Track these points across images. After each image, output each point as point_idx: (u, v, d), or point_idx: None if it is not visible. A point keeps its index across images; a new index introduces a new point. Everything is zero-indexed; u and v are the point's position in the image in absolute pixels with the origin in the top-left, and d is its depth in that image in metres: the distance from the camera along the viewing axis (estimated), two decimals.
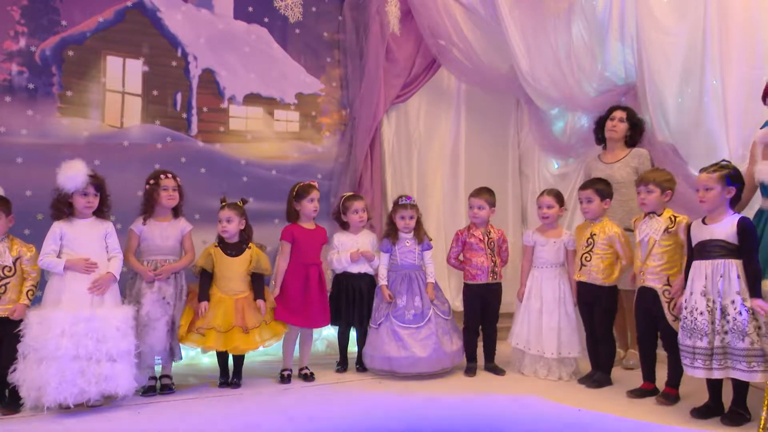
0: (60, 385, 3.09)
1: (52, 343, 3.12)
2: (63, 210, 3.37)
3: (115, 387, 3.24)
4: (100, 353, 3.21)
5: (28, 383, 3.12)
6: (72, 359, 3.14)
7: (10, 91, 4.01)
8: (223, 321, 3.63)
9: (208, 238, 4.09)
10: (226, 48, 4.66)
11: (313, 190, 3.98)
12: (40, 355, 3.13)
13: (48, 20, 4.13)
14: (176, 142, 4.49)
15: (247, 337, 3.66)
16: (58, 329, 3.14)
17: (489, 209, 4.06)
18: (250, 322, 3.68)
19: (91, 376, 3.17)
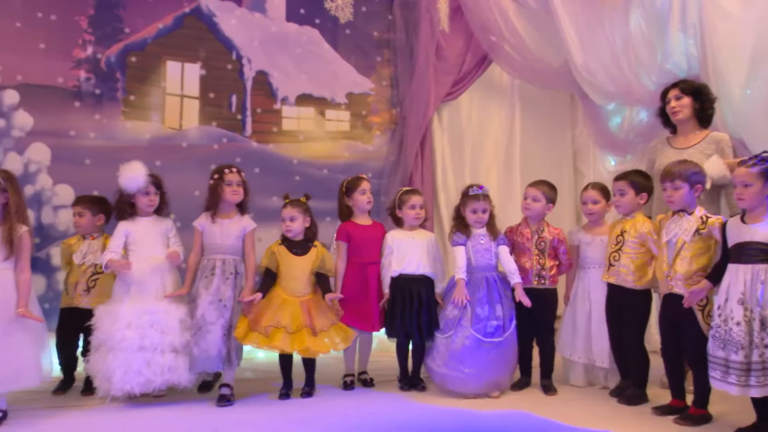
0: (126, 375, 3.21)
1: (118, 334, 3.24)
2: (126, 210, 3.50)
3: (178, 378, 3.33)
4: (164, 345, 3.30)
5: (100, 374, 3.29)
6: (138, 350, 3.25)
7: (78, 97, 4.26)
8: (292, 321, 3.42)
9: (262, 236, 4.12)
10: (278, 50, 4.77)
11: (363, 181, 3.79)
12: (108, 346, 3.28)
13: (112, 28, 4.36)
14: (232, 143, 4.64)
15: (317, 339, 3.44)
16: (125, 321, 3.26)
17: (545, 203, 3.66)
18: (319, 324, 3.47)
19: (156, 366, 3.27)
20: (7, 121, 4.08)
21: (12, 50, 4.09)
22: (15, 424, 3.06)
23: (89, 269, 3.60)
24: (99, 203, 3.73)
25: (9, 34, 4.09)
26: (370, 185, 3.83)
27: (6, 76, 4.08)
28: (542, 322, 3.66)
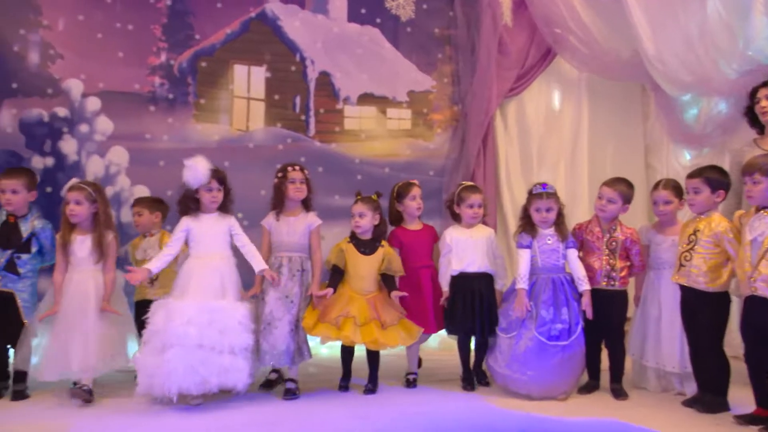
0: (185, 373, 3.13)
1: (180, 330, 3.17)
2: (190, 206, 3.46)
3: (234, 381, 3.24)
4: (222, 345, 3.22)
5: (149, 369, 3.19)
6: (196, 347, 3.17)
7: (153, 102, 4.51)
8: (360, 313, 3.45)
9: (325, 234, 4.17)
10: (340, 50, 4.84)
11: (414, 187, 3.78)
12: (163, 342, 3.20)
13: (184, 35, 4.57)
14: (296, 143, 4.76)
15: (386, 332, 3.46)
16: (185, 318, 3.20)
17: (621, 204, 3.49)
18: (387, 318, 3.50)
19: (213, 366, 3.18)
20: (90, 126, 4.37)
21: (94, 60, 4.38)
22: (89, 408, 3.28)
23: None
24: (155, 202, 3.95)
25: (92, 45, 4.38)
26: (420, 191, 3.81)
27: (89, 84, 4.37)
28: (611, 325, 3.53)
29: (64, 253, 3.45)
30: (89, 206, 3.44)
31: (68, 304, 3.38)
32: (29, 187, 3.51)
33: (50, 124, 4.30)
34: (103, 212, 3.46)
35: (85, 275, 3.43)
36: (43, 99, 4.28)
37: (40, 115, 4.28)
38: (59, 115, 4.31)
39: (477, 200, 3.70)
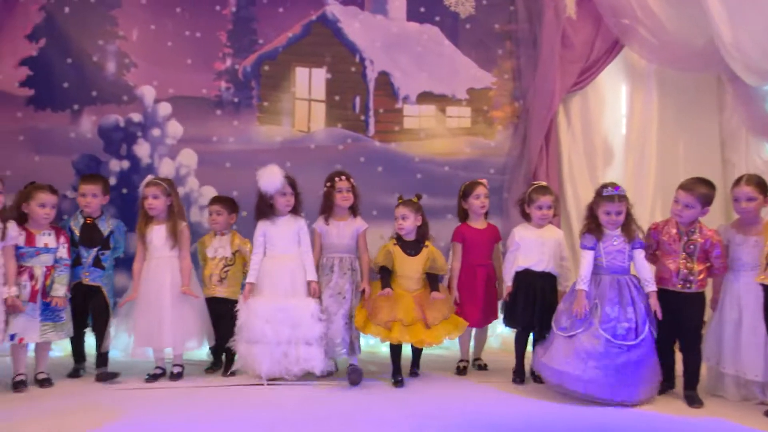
0: (270, 366, 3.64)
1: (258, 329, 3.64)
2: (266, 211, 3.83)
3: (312, 366, 3.69)
4: (297, 338, 3.66)
5: (247, 358, 3.72)
6: (276, 344, 3.64)
7: (220, 105, 4.68)
8: (406, 315, 3.68)
9: (385, 232, 4.28)
10: (399, 50, 4.85)
11: (479, 186, 3.98)
12: (248, 336, 3.68)
13: (248, 40, 4.72)
14: (355, 143, 4.82)
15: (431, 331, 3.70)
16: (263, 318, 3.65)
17: (700, 209, 3.36)
18: (431, 317, 3.71)
19: (292, 357, 3.65)
20: (162, 130, 4.60)
21: (165, 67, 4.60)
22: (177, 397, 3.50)
23: (221, 262, 3.96)
24: (233, 203, 4.10)
25: (163, 53, 4.61)
26: (486, 190, 4.00)
27: (161, 90, 4.60)
28: (686, 328, 3.41)
29: (143, 243, 3.81)
30: (165, 200, 3.80)
31: (147, 289, 3.75)
32: (105, 192, 3.90)
33: (125, 129, 4.56)
34: (176, 204, 3.85)
35: (162, 262, 3.78)
36: (119, 105, 4.54)
37: (117, 120, 4.55)
38: (134, 121, 4.56)
39: (546, 202, 3.79)
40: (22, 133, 4.43)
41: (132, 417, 3.14)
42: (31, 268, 3.59)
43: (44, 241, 3.65)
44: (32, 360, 3.71)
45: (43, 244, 3.64)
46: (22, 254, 3.57)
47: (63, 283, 3.63)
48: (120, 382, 3.75)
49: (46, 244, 3.65)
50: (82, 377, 3.82)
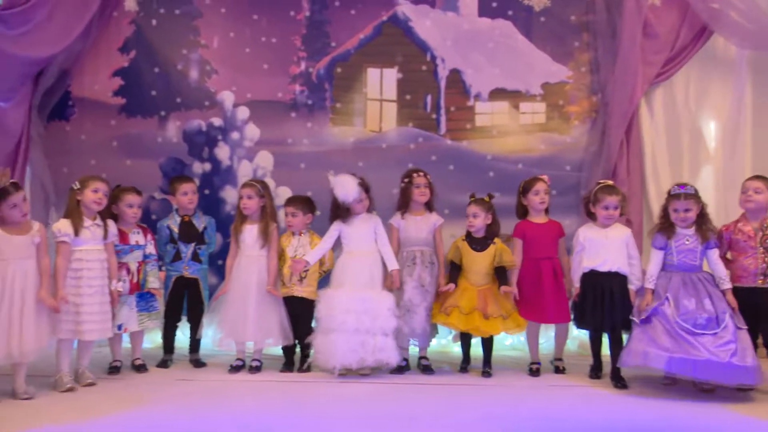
0: (346, 353, 3.72)
1: (339, 318, 3.74)
2: (341, 215, 3.98)
3: (387, 357, 3.79)
4: (375, 328, 3.76)
5: (323, 349, 3.79)
6: (354, 332, 3.73)
7: (294, 108, 4.82)
8: (466, 303, 3.84)
9: (456, 231, 4.27)
10: (471, 47, 4.79)
11: (538, 182, 3.99)
12: (328, 327, 3.78)
13: (321, 43, 4.83)
14: (427, 142, 4.81)
15: (488, 322, 3.82)
16: (344, 307, 3.76)
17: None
18: (491, 310, 3.83)
19: (369, 347, 3.75)
20: (240, 133, 4.80)
21: (243, 72, 4.79)
22: (254, 389, 3.68)
23: None
24: (309, 203, 4.20)
25: (241, 58, 4.80)
26: (545, 186, 3.98)
27: (239, 95, 4.80)
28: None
29: (236, 241, 4.03)
30: (258, 200, 4.01)
31: (236, 285, 3.97)
32: (195, 191, 4.21)
33: (207, 133, 4.79)
34: (269, 205, 4.06)
35: (251, 260, 3.97)
36: (201, 111, 4.78)
37: (199, 125, 4.79)
38: (215, 125, 4.79)
39: (613, 202, 3.74)
40: (116, 139, 4.76)
41: (214, 404, 3.33)
42: (127, 263, 3.90)
43: (135, 239, 3.97)
44: (125, 350, 4.03)
45: (134, 242, 3.97)
46: (118, 251, 3.87)
47: (156, 276, 3.97)
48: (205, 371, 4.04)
49: (137, 242, 3.97)
50: (169, 368, 4.07)
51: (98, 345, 4.19)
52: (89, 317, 3.55)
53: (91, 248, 3.63)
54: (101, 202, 3.69)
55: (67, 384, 3.49)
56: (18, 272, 3.33)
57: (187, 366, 4.10)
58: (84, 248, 3.60)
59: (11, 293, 3.30)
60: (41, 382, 3.54)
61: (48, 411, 3.18)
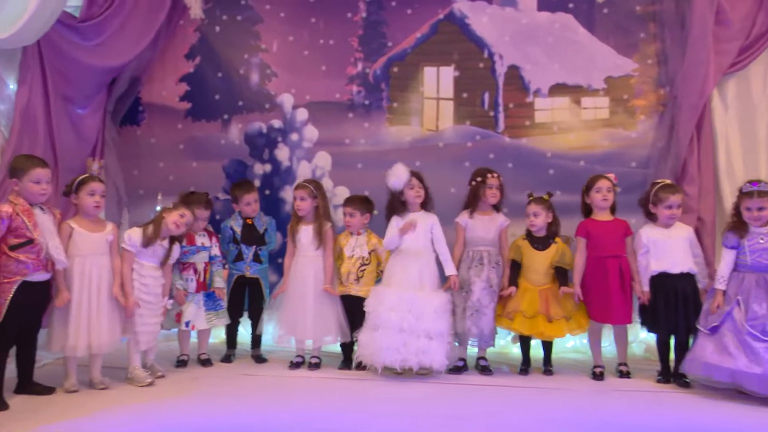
0: (388, 351, 3.68)
1: (384, 315, 3.73)
2: (398, 207, 3.96)
3: (431, 361, 3.70)
4: (419, 329, 3.70)
5: (367, 346, 3.79)
6: (398, 331, 3.70)
7: (351, 109, 4.87)
8: (529, 307, 3.80)
9: (516, 231, 4.22)
10: (529, 42, 4.68)
11: (601, 179, 3.90)
12: (374, 323, 3.77)
13: (378, 44, 4.85)
14: (485, 140, 4.74)
15: (552, 325, 3.78)
16: (389, 304, 3.75)
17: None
18: (554, 312, 3.79)
19: (412, 347, 3.69)
20: (300, 134, 4.90)
21: (302, 75, 4.89)
22: (313, 385, 3.75)
23: (358, 261, 4.11)
24: (366, 203, 4.23)
25: (300, 61, 4.89)
26: (609, 183, 3.87)
27: (298, 97, 4.89)
28: None
29: (293, 241, 4.11)
30: (311, 201, 4.06)
31: (294, 284, 4.05)
32: (257, 199, 4.35)
33: (267, 135, 4.92)
34: (323, 206, 4.09)
35: (308, 260, 4.05)
36: (262, 113, 4.91)
37: (260, 127, 4.92)
38: (275, 127, 4.91)
39: (676, 201, 3.68)
40: (182, 142, 4.96)
41: (275, 399, 3.44)
42: (194, 264, 4.07)
43: (201, 241, 4.14)
44: (192, 345, 4.20)
45: (200, 243, 4.13)
46: (185, 252, 4.04)
47: (221, 276, 4.13)
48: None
49: (203, 243, 4.14)
50: (233, 362, 4.22)
51: (167, 339, 4.42)
52: (142, 327, 3.68)
53: (148, 264, 3.70)
54: (181, 228, 3.83)
55: (147, 379, 3.63)
56: (94, 267, 3.52)
57: (249, 361, 4.23)
58: (143, 263, 3.69)
59: (89, 287, 3.49)
60: (115, 374, 3.75)
61: (120, 399, 3.38)
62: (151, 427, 2.98)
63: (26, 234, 3.25)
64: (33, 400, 3.33)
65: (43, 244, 3.29)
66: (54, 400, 3.35)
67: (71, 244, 3.47)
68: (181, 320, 4.00)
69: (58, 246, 3.36)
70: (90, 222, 3.57)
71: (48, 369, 3.77)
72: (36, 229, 3.28)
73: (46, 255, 3.31)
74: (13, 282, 3.23)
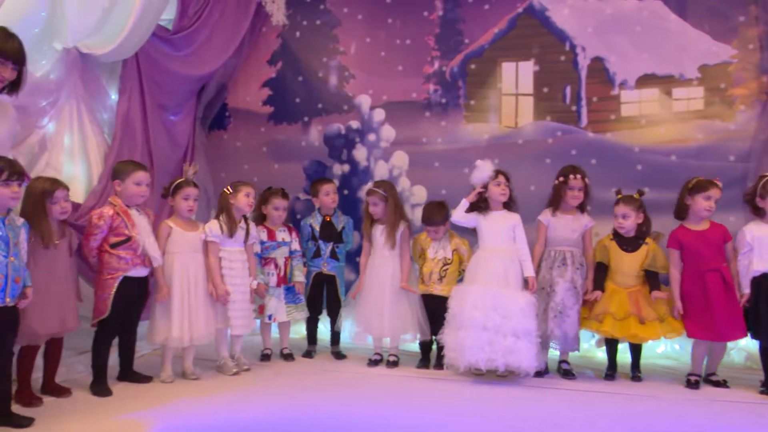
0: (473, 350, 3.60)
1: (468, 313, 3.65)
2: (480, 204, 3.86)
3: (518, 362, 3.59)
4: (506, 328, 3.60)
5: (450, 346, 3.73)
6: (482, 329, 3.61)
7: (428, 108, 4.85)
8: (619, 309, 3.63)
9: (600, 230, 4.06)
10: (615, 32, 4.46)
11: (713, 187, 3.58)
12: (458, 323, 3.71)
13: (454, 41, 4.80)
14: (566, 135, 4.57)
15: (645, 327, 3.59)
16: (472, 302, 3.66)
17: None
18: (646, 313, 3.61)
19: (498, 347, 3.59)
20: (377, 134, 4.94)
21: (379, 75, 4.93)
22: (391, 383, 3.75)
23: (440, 261, 4.09)
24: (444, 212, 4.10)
25: (377, 62, 4.94)
26: (719, 194, 3.54)
27: (375, 97, 4.94)
28: None
29: (369, 240, 4.17)
30: (384, 204, 4.08)
31: (371, 282, 4.09)
32: (336, 191, 4.41)
33: (346, 136, 5.00)
34: (396, 206, 4.09)
35: (384, 259, 4.07)
36: (340, 115, 5.00)
37: (339, 128, 5.01)
38: (353, 127, 4.98)
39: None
40: (265, 145, 5.15)
41: (355, 395, 3.48)
42: (275, 259, 4.20)
43: (281, 236, 4.27)
44: (274, 339, 4.34)
45: (281, 239, 4.26)
46: (267, 248, 4.19)
47: (300, 270, 4.25)
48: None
49: (283, 239, 4.27)
50: (314, 358, 4.32)
51: (251, 334, 4.59)
52: (236, 313, 3.86)
53: (233, 249, 3.87)
54: (252, 205, 4.03)
55: (234, 369, 3.86)
56: (192, 264, 3.73)
57: (329, 357, 4.32)
58: (228, 249, 3.85)
59: (188, 282, 3.70)
60: (204, 365, 3.95)
61: (210, 390, 3.56)
62: (238, 417, 3.10)
63: (125, 232, 3.49)
64: (133, 387, 3.58)
65: (140, 241, 3.53)
66: (151, 388, 3.59)
67: (170, 243, 3.71)
68: (263, 312, 4.16)
69: (153, 244, 3.60)
70: (185, 222, 3.79)
71: (145, 359, 4.04)
72: (134, 228, 3.52)
73: (143, 252, 3.54)
74: (116, 277, 3.47)
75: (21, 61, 3.08)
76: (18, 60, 3.06)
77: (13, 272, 2.85)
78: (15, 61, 3.05)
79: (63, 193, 3.29)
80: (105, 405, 3.27)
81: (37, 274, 3.10)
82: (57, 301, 3.26)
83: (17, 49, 3.04)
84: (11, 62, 3.03)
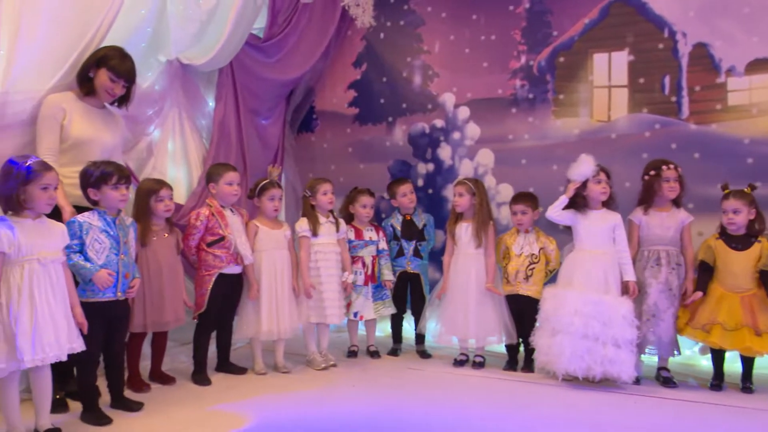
0: (571, 358, 3.46)
1: (566, 319, 3.50)
2: (580, 202, 3.70)
3: (618, 371, 3.44)
4: (606, 336, 3.44)
5: (544, 350, 3.61)
6: (581, 337, 3.46)
7: (515, 104, 4.72)
8: (729, 318, 3.39)
9: (704, 229, 3.82)
10: (720, 15, 4.13)
11: None
12: (553, 327, 3.57)
13: (542, 34, 4.64)
14: (665, 128, 4.28)
15: (762, 339, 3.33)
16: (571, 308, 3.50)
17: None
18: (763, 323, 3.35)
19: (597, 356, 3.44)
20: (461, 132, 4.87)
21: (463, 73, 4.86)
22: (477, 384, 3.70)
23: (527, 259, 3.97)
24: (535, 199, 4.06)
25: (461, 59, 4.87)
26: None
27: (460, 95, 4.87)
28: None
29: (452, 239, 4.10)
30: (470, 198, 4.02)
31: (455, 282, 4.04)
32: (413, 190, 4.46)
33: (430, 135, 4.97)
34: (483, 203, 4.01)
35: (468, 258, 4.01)
36: (424, 114, 4.98)
37: (423, 127, 4.99)
38: (437, 126, 4.94)
39: None
40: (351, 145, 5.22)
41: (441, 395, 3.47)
42: (362, 257, 4.27)
43: (368, 235, 4.34)
44: (360, 336, 4.40)
45: (368, 237, 4.33)
46: (354, 246, 4.28)
47: (389, 269, 4.30)
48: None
49: (370, 237, 4.34)
50: (399, 356, 4.34)
51: (338, 331, 4.68)
52: (330, 303, 3.99)
53: (326, 242, 4.04)
54: (333, 201, 4.13)
55: (322, 364, 3.97)
56: (278, 260, 3.88)
57: (414, 356, 4.31)
58: (320, 242, 4.02)
59: (275, 278, 3.85)
60: (294, 359, 4.08)
61: (300, 384, 3.68)
62: (327, 411, 3.18)
63: (219, 232, 3.71)
64: (229, 378, 3.79)
65: (233, 240, 3.72)
66: (246, 379, 3.78)
67: (257, 241, 3.87)
68: (349, 310, 4.22)
69: (245, 243, 3.78)
70: (271, 221, 3.95)
71: (239, 352, 4.21)
72: (227, 228, 3.72)
73: (235, 250, 3.72)
74: (212, 274, 3.69)
75: (132, 80, 3.41)
76: (129, 79, 3.39)
77: (123, 269, 3.08)
78: (126, 79, 3.38)
79: (167, 192, 3.54)
80: (205, 393, 3.48)
81: (152, 268, 3.44)
82: (171, 294, 3.53)
83: (130, 69, 3.37)
84: (123, 80, 3.36)
